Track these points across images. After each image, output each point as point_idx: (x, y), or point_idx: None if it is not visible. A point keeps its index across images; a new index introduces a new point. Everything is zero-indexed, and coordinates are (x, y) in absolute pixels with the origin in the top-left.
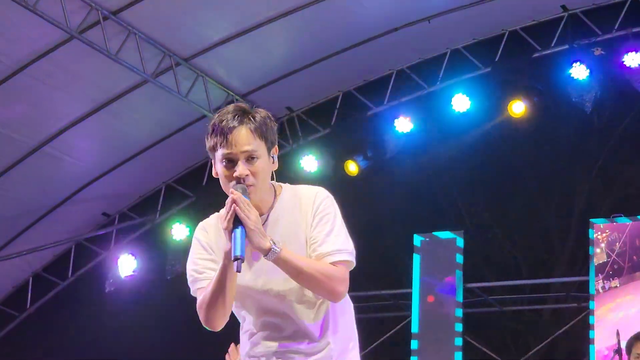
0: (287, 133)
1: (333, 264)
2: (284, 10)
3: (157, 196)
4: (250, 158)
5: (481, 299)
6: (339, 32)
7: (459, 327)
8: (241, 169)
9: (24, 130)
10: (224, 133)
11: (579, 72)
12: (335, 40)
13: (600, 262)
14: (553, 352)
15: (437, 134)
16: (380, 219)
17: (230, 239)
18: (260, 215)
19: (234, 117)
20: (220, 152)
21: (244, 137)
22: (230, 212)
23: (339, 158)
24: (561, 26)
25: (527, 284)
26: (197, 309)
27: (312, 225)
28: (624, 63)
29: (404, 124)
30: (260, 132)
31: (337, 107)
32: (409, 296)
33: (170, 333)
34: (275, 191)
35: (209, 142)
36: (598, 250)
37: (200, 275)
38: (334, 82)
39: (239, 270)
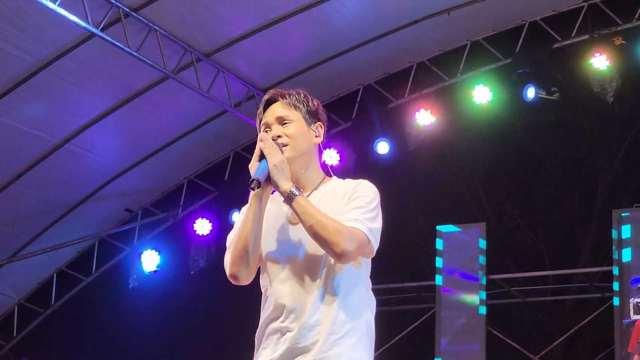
0: None
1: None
2: (304, 4)
3: (179, 191)
4: (283, 123)
5: (504, 290)
6: (359, 25)
7: (482, 318)
8: (274, 129)
9: (47, 128)
10: (263, 107)
11: (600, 62)
12: (356, 33)
13: None
14: (577, 343)
15: (458, 126)
16: (403, 211)
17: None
18: (305, 192)
19: (270, 95)
20: (261, 125)
21: (278, 106)
22: (256, 150)
23: (360, 151)
24: (581, 16)
25: (550, 275)
26: (224, 264)
27: (345, 202)
28: None
29: (425, 117)
30: (294, 103)
31: (358, 100)
32: (432, 288)
33: (194, 328)
34: (325, 177)
35: (257, 129)
36: None
37: (233, 234)
38: (355, 76)
39: (252, 188)
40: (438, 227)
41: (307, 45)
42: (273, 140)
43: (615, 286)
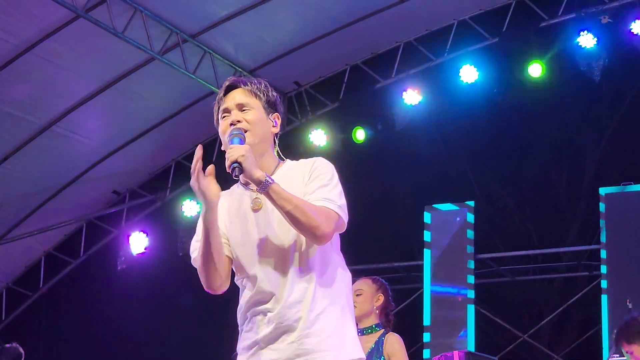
0: (296, 108)
1: None
2: None
3: (167, 173)
4: (243, 109)
5: (493, 269)
6: (345, 5)
7: (471, 297)
8: (234, 114)
9: (33, 110)
10: (222, 93)
11: (587, 40)
12: (342, 13)
13: None
14: (565, 321)
15: (446, 106)
16: (391, 191)
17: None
18: None
19: (231, 82)
20: (219, 110)
21: (239, 93)
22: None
23: (348, 132)
24: None
25: (539, 254)
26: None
27: (307, 182)
28: (632, 31)
29: (412, 96)
30: (255, 91)
31: (345, 80)
32: (421, 268)
33: (182, 309)
34: (279, 162)
35: (215, 113)
36: None
37: (197, 241)
38: (342, 56)
39: (236, 176)
40: (426, 207)
41: (293, 26)
42: (232, 124)
43: (603, 269)
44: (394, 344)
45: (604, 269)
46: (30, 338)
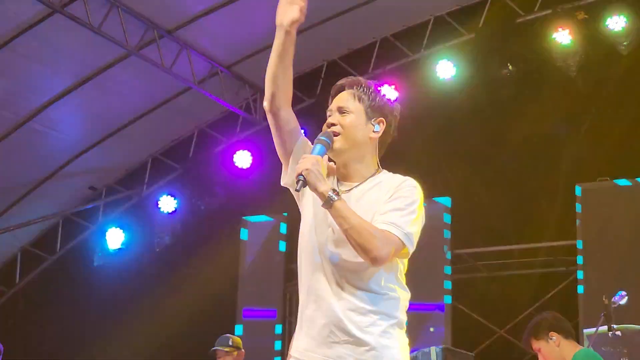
0: None
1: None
2: None
3: (143, 169)
4: (342, 112)
5: (469, 264)
6: (322, 1)
7: (447, 292)
8: (333, 117)
9: (9, 106)
10: (335, 92)
11: (563, 36)
12: (319, 9)
13: None
14: None
15: (422, 101)
16: None
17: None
18: (352, 183)
19: (342, 82)
20: (328, 108)
21: (344, 95)
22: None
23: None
24: None
25: (516, 249)
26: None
27: (387, 200)
28: (608, 26)
29: (388, 92)
30: (358, 95)
31: (322, 76)
32: None
33: (159, 305)
34: (376, 171)
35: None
36: None
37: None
38: (319, 52)
39: (297, 190)
40: None
41: (270, 21)
42: (328, 127)
43: (580, 261)
44: None
45: (580, 261)
46: (7, 334)
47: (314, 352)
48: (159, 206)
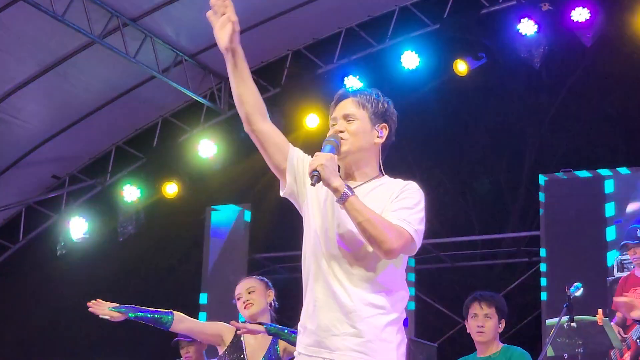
0: None
1: None
2: None
3: (107, 158)
4: (348, 119)
5: (433, 255)
6: None
7: (411, 283)
8: (339, 124)
9: None
10: (333, 103)
11: (527, 27)
12: None
13: None
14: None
15: (387, 91)
16: None
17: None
18: (355, 182)
19: (342, 91)
20: (330, 117)
21: (348, 103)
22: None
23: (289, 117)
24: None
25: (479, 240)
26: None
27: (393, 200)
28: (572, 18)
29: (353, 82)
30: (362, 102)
31: (287, 66)
32: None
33: (123, 295)
34: (377, 175)
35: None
36: None
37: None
38: (284, 41)
39: (312, 184)
40: None
41: (236, 10)
42: (336, 134)
43: (543, 254)
44: None
45: (543, 252)
46: None
47: (316, 346)
48: (123, 195)
